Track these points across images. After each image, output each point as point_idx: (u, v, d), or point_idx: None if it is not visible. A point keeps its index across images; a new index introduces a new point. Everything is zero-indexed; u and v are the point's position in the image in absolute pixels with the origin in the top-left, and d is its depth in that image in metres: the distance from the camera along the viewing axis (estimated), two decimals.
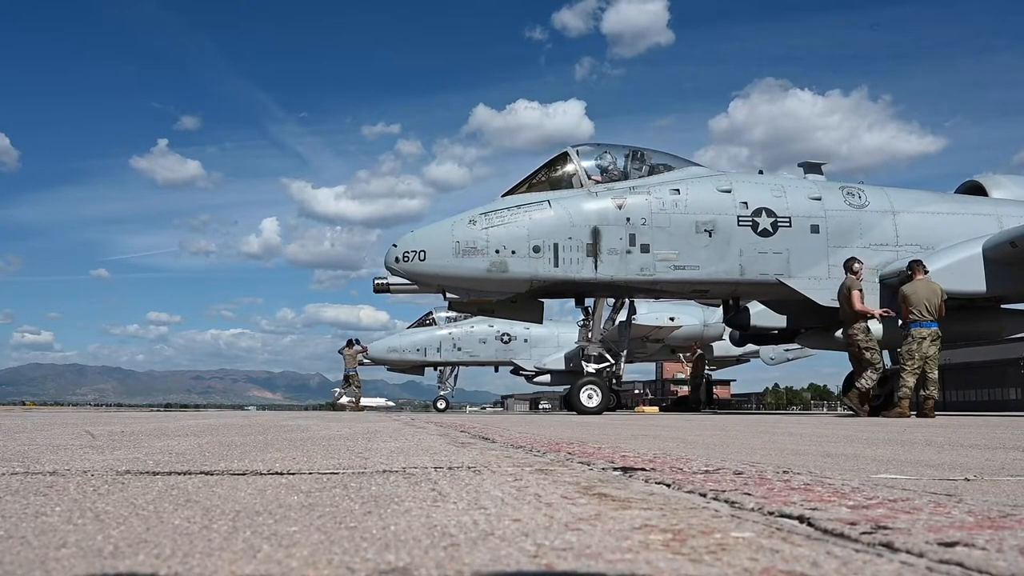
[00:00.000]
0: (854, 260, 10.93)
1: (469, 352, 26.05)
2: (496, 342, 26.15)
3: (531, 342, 26.21)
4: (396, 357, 26.10)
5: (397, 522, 1.16)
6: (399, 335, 26.91)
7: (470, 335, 26.01)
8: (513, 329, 26.02)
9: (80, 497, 1.45)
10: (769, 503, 1.30)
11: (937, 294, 10.38)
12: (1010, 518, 1.17)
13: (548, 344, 26.14)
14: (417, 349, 26.01)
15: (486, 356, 26.37)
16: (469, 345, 25.98)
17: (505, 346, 26.14)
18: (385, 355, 26.26)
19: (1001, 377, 47.97)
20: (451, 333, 26.06)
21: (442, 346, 26.03)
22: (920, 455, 2.80)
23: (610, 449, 2.83)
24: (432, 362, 26.34)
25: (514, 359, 26.34)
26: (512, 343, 26.20)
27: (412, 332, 26.47)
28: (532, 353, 26.23)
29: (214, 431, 4.47)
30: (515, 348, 26.25)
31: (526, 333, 26.08)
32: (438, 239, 10.93)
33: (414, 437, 3.76)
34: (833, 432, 4.89)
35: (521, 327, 26.03)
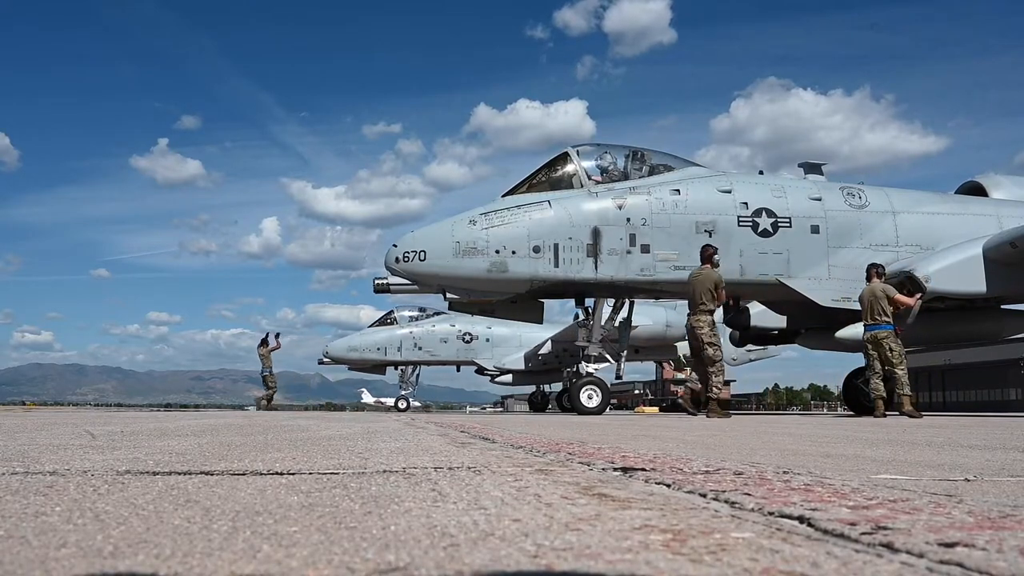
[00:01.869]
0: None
1: (430, 351, 25.69)
2: (458, 342, 25.83)
3: (493, 341, 25.89)
4: (356, 356, 25.76)
5: (397, 522, 1.16)
6: (359, 334, 26.57)
7: (431, 334, 25.70)
8: (475, 328, 25.80)
9: (80, 497, 1.45)
10: (769, 503, 1.30)
11: (879, 296, 10.24)
12: (1010, 518, 1.17)
13: (510, 344, 25.83)
14: (377, 348, 25.65)
15: (447, 355, 26.02)
16: (430, 344, 25.63)
17: (467, 345, 25.82)
18: (345, 354, 25.94)
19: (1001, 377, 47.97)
20: (412, 332, 25.74)
21: (403, 345, 25.67)
22: (920, 455, 2.80)
23: (610, 449, 2.83)
24: (392, 361, 26.01)
25: (476, 359, 26.00)
26: (474, 342, 25.87)
27: (373, 331, 26.14)
28: (494, 353, 25.93)
29: (214, 431, 4.47)
30: (477, 348, 25.91)
31: (488, 332, 25.82)
32: (438, 239, 10.93)
33: (414, 437, 3.77)
34: (833, 432, 4.89)
35: (483, 326, 25.88)
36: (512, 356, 25.61)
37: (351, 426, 5.57)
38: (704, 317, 10.30)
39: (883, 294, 10.22)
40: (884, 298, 10.19)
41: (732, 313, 13.46)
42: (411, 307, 26.47)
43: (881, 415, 9.84)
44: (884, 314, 10.18)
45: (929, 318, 12.31)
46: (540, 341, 24.88)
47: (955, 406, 47.39)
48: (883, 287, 10.28)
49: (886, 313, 10.19)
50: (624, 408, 42.88)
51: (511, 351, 25.74)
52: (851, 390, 13.47)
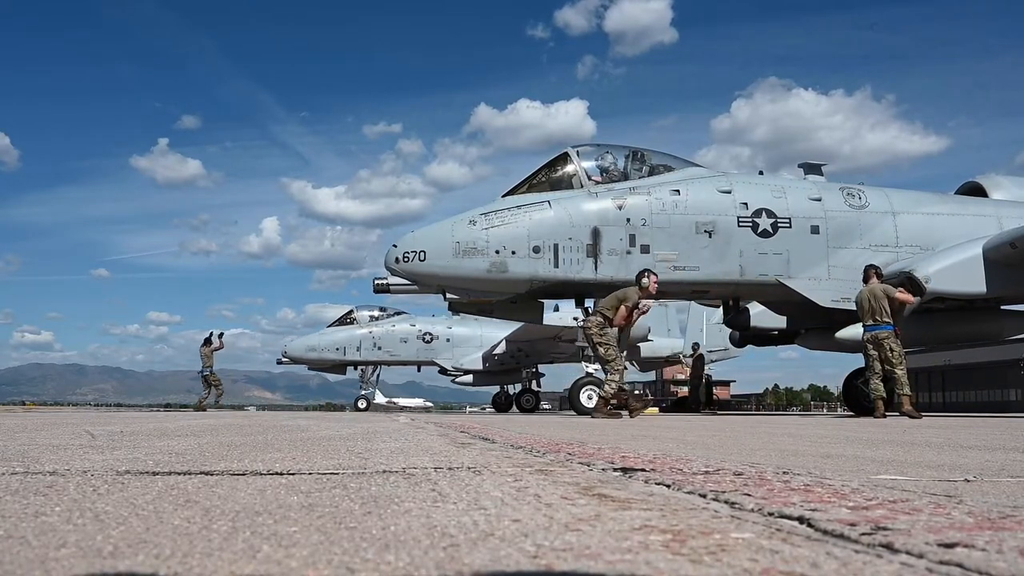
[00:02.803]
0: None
1: (390, 351, 25.51)
2: (418, 341, 25.68)
3: (454, 341, 25.76)
4: (315, 356, 25.55)
5: (397, 522, 1.16)
6: (319, 334, 26.32)
7: (391, 334, 25.54)
8: (435, 328, 25.71)
9: (80, 497, 1.45)
10: (769, 504, 1.30)
11: (879, 296, 10.21)
12: (1010, 519, 1.17)
13: (471, 344, 25.69)
14: (336, 348, 25.43)
15: (407, 355, 25.86)
16: (390, 344, 25.47)
17: (427, 345, 25.66)
18: (304, 354, 25.76)
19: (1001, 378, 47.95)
20: (371, 332, 25.54)
21: (362, 345, 25.47)
22: (920, 456, 2.80)
23: (610, 450, 2.83)
24: (352, 361, 25.80)
25: (436, 359, 25.84)
26: (434, 342, 25.71)
27: (332, 331, 25.91)
28: (454, 353, 25.78)
29: (214, 431, 4.47)
30: (437, 347, 25.76)
31: (448, 332, 25.71)
32: (438, 239, 10.93)
33: (414, 437, 3.76)
34: (833, 433, 4.89)
35: (443, 326, 25.83)
36: (471, 356, 25.45)
37: (351, 426, 5.57)
38: (595, 318, 10.08)
39: (883, 294, 10.19)
40: (884, 298, 10.17)
41: (732, 313, 13.46)
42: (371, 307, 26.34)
43: (881, 415, 9.84)
44: (885, 315, 10.17)
45: (929, 318, 12.31)
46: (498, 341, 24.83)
47: (955, 407, 47.38)
48: (883, 287, 10.27)
49: (886, 314, 10.17)
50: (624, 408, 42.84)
51: (471, 351, 25.58)
52: (851, 390, 13.47)
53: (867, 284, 10.39)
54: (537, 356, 24.70)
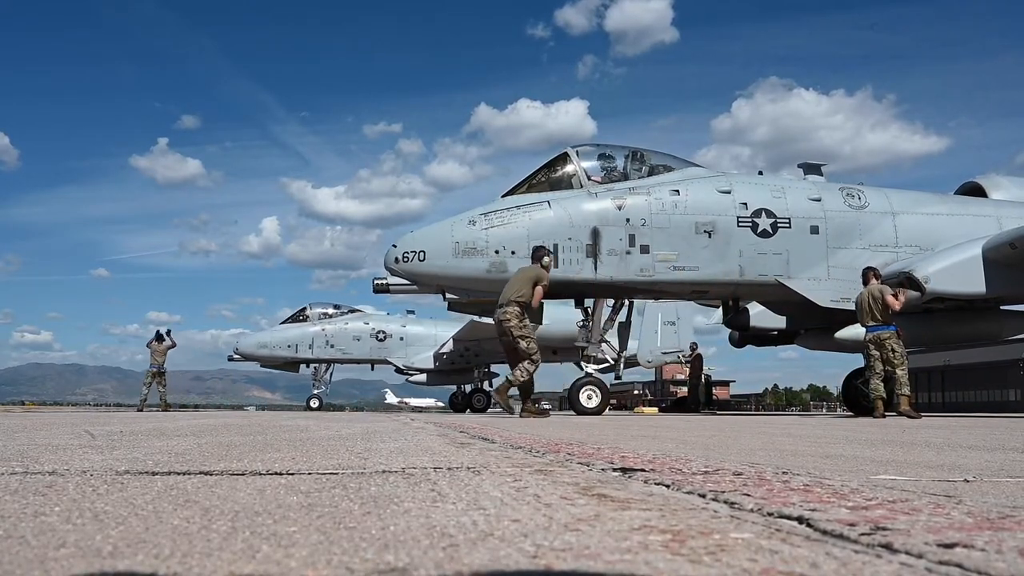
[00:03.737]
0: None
1: (342, 350, 25.31)
2: (371, 340, 25.49)
3: (407, 340, 25.59)
4: (266, 353, 25.33)
5: (396, 522, 1.16)
6: (270, 331, 26.13)
7: (344, 332, 25.33)
8: (389, 327, 25.55)
9: (79, 497, 1.45)
10: (768, 504, 1.30)
11: (877, 298, 10.20)
12: (1009, 519, 1.17)
13: (425, 343, 25.53)
14: (288, 345, 25.21)
15: (360, 354, 25.67)
16: (343, 342, 25.27)
17: (380, 344, 25.49)
18: (255, 351, 25.55)
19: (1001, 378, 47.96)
20: (324, 329, 25.33)
21: (314, 343, 25.26)
22: (919, 456, 2.80)
23: (609, 450, 2.82)
24: (304, 359, 25.58)
25: (389, 357, 25.68)
26: (387, 341, 25.54)
27: (284, 328, 25.71)
28: (408, 352, 25.62)
29: (213, 431, 4.47)
30: (391, 346, 25.58)
31: (402, 331, 25.56)
32: (438, 239, 10.94)
33: (413, 437, 3.76)
34: (832, 433, 4.89)
35: (397, 324, 25.65)
36: (423, 355, 25.29)
37: (350, 426, 5.57)
38: (511, 308, 9.70)
39: (880, 295, 10.22)
40: (882, 298, 10.20)
41: (732, 314, 13.47)
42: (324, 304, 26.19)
43: (880, 415, 9.85)
44: (885, 315, 10.18)
45: (929, 318, 12.32)
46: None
47: (955, 407, 47.39)
48: (880, 288, 10.28)
49: (887, 314, 10.18)
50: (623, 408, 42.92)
51: (423, 350, 25.41)
52: (851, 390, 13.47)
53: (866, 286, 10.41)
54: (487, 356, 24.42)
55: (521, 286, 9.77)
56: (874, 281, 10.38)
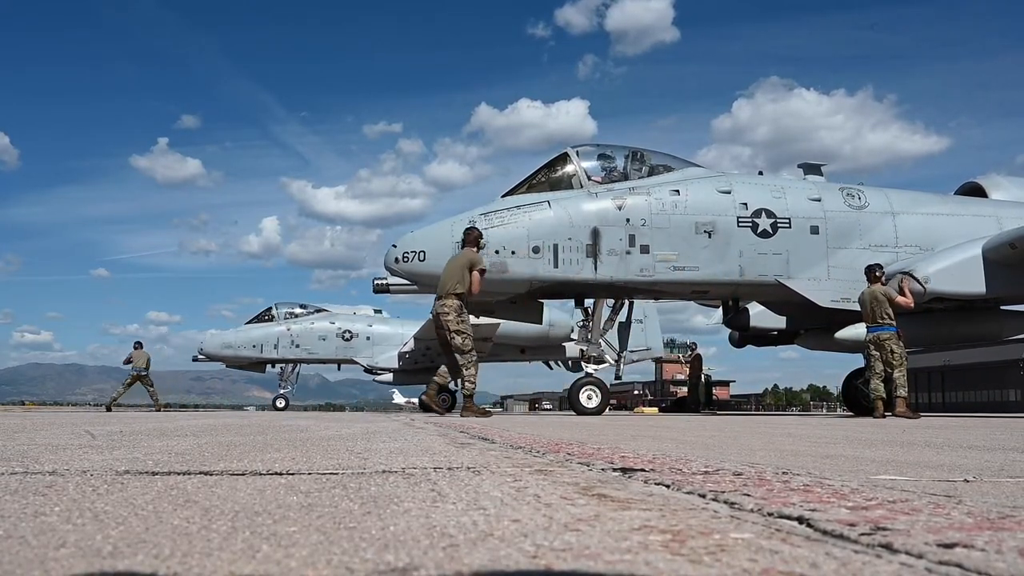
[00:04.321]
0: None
1: (308, 349, 25.10)
2: (337, 339, 25.30)
3: (374, 339, 25.37)
4: (231, 354, 25.15)
5: (396, 522, 1.16)
6: (235, 331, 25.87)
7: (309, 332, 25.14)
8: (355, 326, 25.39)
9: (79, 497, 1.45)
10: (768, 504, 1.30)
11: (880, 300, 10.20)
12: (1009, 519, 1.17)
13: (391, 342, 25.33)
14: (253, 345, 25.02)
15: (326, 354, 25.48)
16: (308, 342, 25.06)
17: (346, 343, 25.28)
18: (219, 351, 25.40)
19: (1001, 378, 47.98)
20: (289, 329, 25.13)
21: (279, 343, 25.07)
22: (919, 456, 2.80)
23: (609, 450, 2.82)
24: (269, 359, 25.43)
25: (355, 357, 25.46)
26: (354, 340, 25.34)
27: (249, 328, 25.52)
28: (374, 351, 25.39)
29: (213, 431, 4.47)
30: (357, 346, 25.38)
31: (368, 331, 25.36)
32: (438, 239, 10.94)
33: (413, 437, 3.76)
34: (832, 433, 4.89)
35: (363, 324, 25.46)
36: (388, 355, 25.08)
37: (350, 426, 5.57)
38: (450, 301, 9.32)
39: (883, 297, 10.21)
40: (885, 300, 10.19)
41: (732, 314, 13.47)
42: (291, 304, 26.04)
43: (880, 416, 9.85)
44: (887, 316, 10.18)
45: (929, 318, 12.32)
46: None
47: (954, 407, 47.40)
48: (883, 289, 10.28)
49: (889, 315, 10.18)
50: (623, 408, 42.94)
51: (389, 349, 25.20)
52: (851, 391, 13.48)
53: (870, 285, 10.40)
54: None
55: (458, 276, 9.32)
56: (877, 282, 10.37)
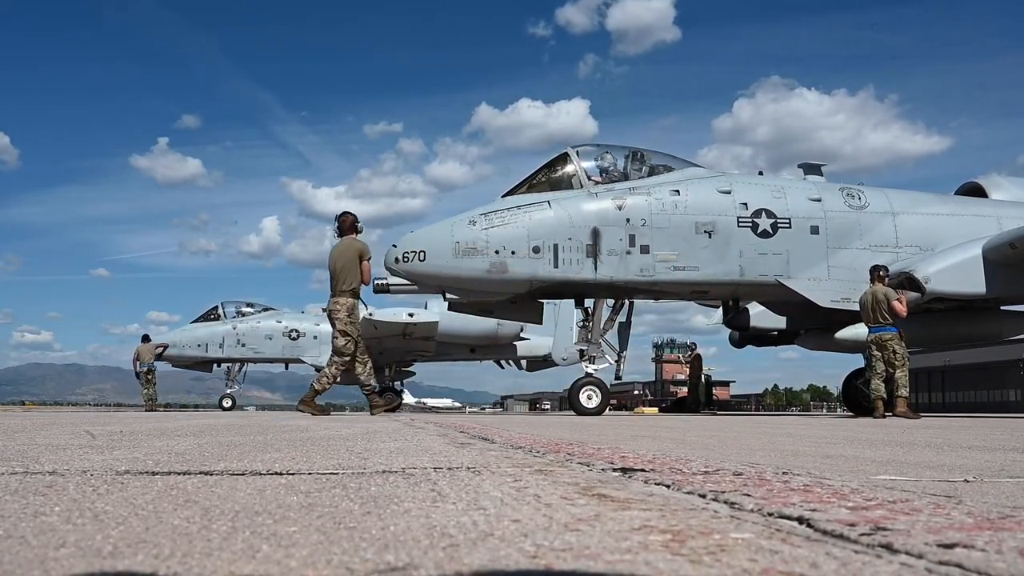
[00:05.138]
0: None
1: (254, 349, 24.80)
2: (283, 338, 25.02)
3: (321, 339, 24.82)
4: (175, 353, 24.79)
5: (396, 522, 1.16)
6: (180, 330, 25.56)
7: (256, 331, 24.81)
8: (302, 325, 25.16)
9: (79, 497, 1.45)
10: (768, 504, 1.30)
11: (880, 300, 10.19)
12: (1009, 519, 1.17)
13: None
14: (198, 345, 24.67)
15: (272, 353, 25.19)
16: (254, 341, 24.74)
17: (293, 343, 25.00)
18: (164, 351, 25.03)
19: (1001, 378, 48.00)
20: (235, 328, 24.81)
21: (225, 342, 24.76)
22: (920, 456, 2.80)
23: (609, 450, 2.83)
24: (214, 358, 25.12)
25: (302, 356, 25.20)
26: (300, 340, 25.07)
27: (194, 327, 25.21)
28: (322, 350, 24.78)
29: (213, 431, 4.47)
30: (304, 345, 25.11)
31: (316, 330, 24.98)
32: (438, 239, 10.94)
33: (413, 437, 3.76)
34: (832, 433, 4.89)
35: (311, 323, 25.22)
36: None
37: (350, 426, 5.57)
38: (344, 300, 8.85)
39: (884, 298, 10.21)
40: (886, 301, 10.19)
41: (732, 314, 13.47)
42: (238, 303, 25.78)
43: (880, 416, 9.86)
44: (888, 316, 10.18)
45: (929, 318, 12.33)
46: None
47: (954, 407, 47.41)
48: (885, 291, 10.28)
49: (890, 316, 10.18)
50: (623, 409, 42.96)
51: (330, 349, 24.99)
52: (851, 391, 13.48)
53: (872, 285, 10.39)
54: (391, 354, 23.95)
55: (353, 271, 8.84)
56: (879, 283, 10.35)
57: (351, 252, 8.93)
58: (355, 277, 8.88)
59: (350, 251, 8.95)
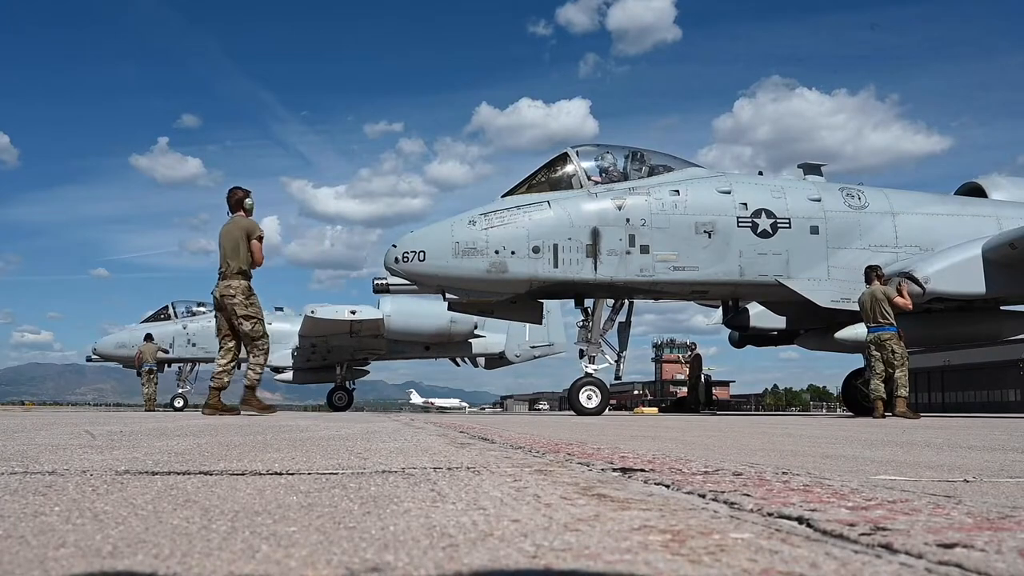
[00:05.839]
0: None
1: (204, 348, 24.25)
2: None
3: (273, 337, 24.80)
4: (125, 353, 24.50)
5: (396, 522, 1.16)
6: (130, 329, 25.33)
7: (206, 330, 23.98)
8: None
9: (79, 497, 1.45)
10: (768, 504, 1.30)
11: (879, 300, 10.20)
12: (1009, 520, 1.17)
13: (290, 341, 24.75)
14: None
15: None
16: (204, 341, 24.07)
17: None
18: (114, 351, 24.94)
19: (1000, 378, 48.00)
20: (186, 328, 24.55)
21: (175, 342, 24.48)
22: (919, 456, 2.80)
23: (609, 450, 2.83)
24: (165, 359, 24.58)
25: None
26: None
27: (144, 327, 24.78)
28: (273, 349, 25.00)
29: (213, 431, 4.46)
30: None
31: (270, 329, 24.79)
32: (438, 239, 10.95)
33: (413, 437, 3.76)
34: (832, 433, 4.89)
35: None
36: (281, 352, 24.49)
37: (350, 426, 5.57)
38: (236, 282, 8.23)
39: (884, 297, 10.20)
40: (885, 300, 10.18)
41: (732, 314, 13.48)
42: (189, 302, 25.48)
43: (880, 416, 9.86)
44: (887, 316, 10.17)
45: (929, 318, 12.34)
46: None
47: (954, 407, 47.41)
48: (884, 290, 10.28)
49: (889, 315, 10.18)
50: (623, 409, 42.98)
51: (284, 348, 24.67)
52: (851, 391, 13.49)
53: (869, 285, 10.40)
54: (339, 352, 23.87)
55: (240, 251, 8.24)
56: (876, 283, 10.36)
57: (237, 231, 8.35)
58: (244, 258, 8.30)
59: (236, 230, 8.36)
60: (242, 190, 8.59)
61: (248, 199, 8.47)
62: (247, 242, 8.32)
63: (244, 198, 8.48)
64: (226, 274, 8.36)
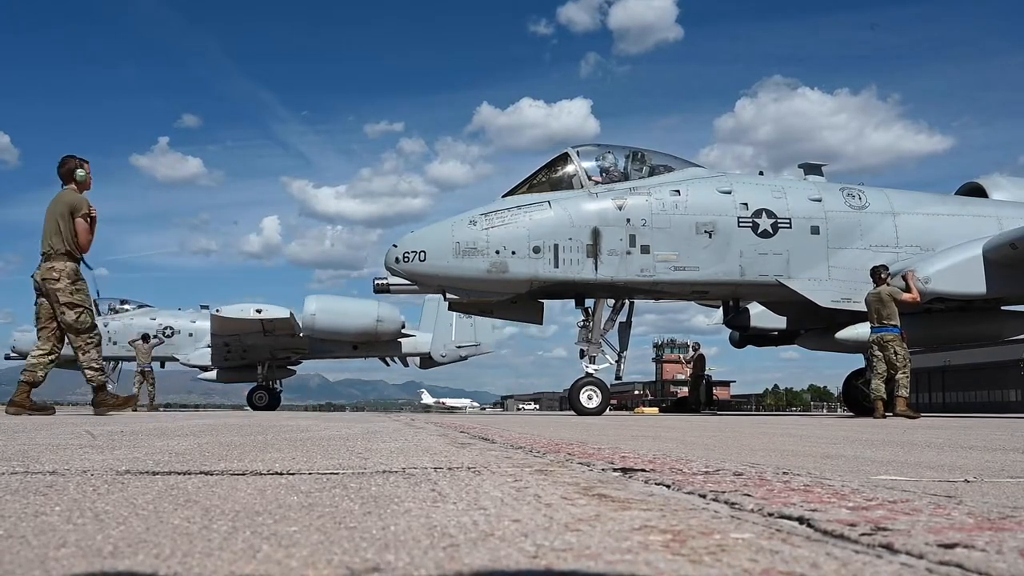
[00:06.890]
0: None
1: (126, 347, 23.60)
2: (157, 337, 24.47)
3: (196, 336, 24.48)
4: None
5: (397, 522, 1.16)
6: None
7: (128, 328, 23.96)
8: (177, 322, 24.64)
9: (80, 497, 1.45)
10: (769, 504, 1.30)
11: (885, 301, 10.19)
12: (1010, 520, 1.17)
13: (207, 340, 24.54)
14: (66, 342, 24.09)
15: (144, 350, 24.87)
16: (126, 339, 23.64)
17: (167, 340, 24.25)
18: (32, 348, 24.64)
19: (1001, 378, 48.00)
20: (107, 325, 23.69)
21: None
22: (920, 456, 2.80)
23: (610, 450, 2.82)
24: None
25: (176, 354, 24.57)
26: (175, 337, 24.44)
27: None
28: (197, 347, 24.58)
29: (214, 431, 4.47)
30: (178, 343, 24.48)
31: (191, 327, 24.50)
32: (438, 239, 10.95)
33: (414, 437, 3.76)
34: (833, 433, 4.89)
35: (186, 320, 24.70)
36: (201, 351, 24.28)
37: (351, 426, 5.57)
38: (60, 264, 7.30)
39: (889, 297, 10.20)
40: (891, 301, 10.18)
41: (732, 314, 13.48)
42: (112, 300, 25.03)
43: (880, 416, 9.86)
44: (891, 317, 10.17)
45: (929, 318, 12.34)
46: None
47: (955, 407, 47.40)
48: (889, 290, 10.27)
49: (893, 316, 10.17)
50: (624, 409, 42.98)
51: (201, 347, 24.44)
52: (851, 391, 13.49)
53: (876, 286, 10.37)
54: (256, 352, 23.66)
55: (62, 229, 7.23)
56: (882, 284, 10.33)
57: (61, 206, 7.29)
58: (68, 237, 7.28)
59: (60, 205, 7.31)
60: (75, 159, 7.49)
61: (81, 170, 7.37)
62: (71, 220, 7.27)
63: (76, 168, 7.39)
64: (49, 255, 7.36)
